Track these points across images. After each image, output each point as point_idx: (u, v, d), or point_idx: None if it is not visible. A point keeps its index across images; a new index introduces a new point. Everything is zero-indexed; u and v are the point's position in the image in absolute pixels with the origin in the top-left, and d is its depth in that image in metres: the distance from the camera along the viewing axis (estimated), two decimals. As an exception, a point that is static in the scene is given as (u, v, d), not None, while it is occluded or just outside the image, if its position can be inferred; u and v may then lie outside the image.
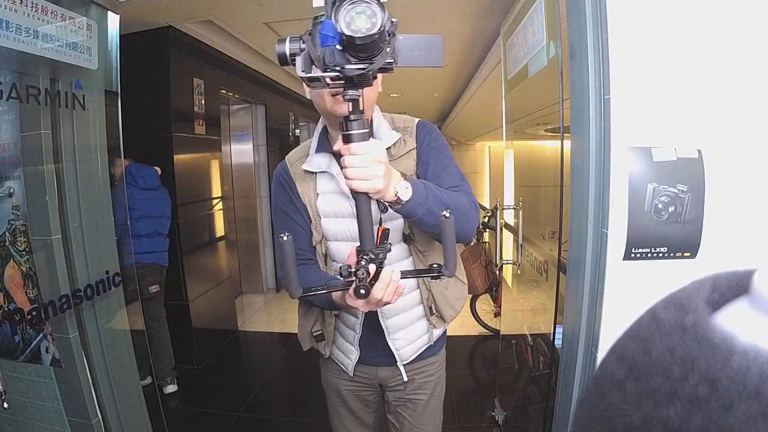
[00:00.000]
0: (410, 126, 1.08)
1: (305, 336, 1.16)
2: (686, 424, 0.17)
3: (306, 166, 1.05)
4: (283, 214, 1.08)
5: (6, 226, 1.37)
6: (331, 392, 1.25)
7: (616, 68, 0.97)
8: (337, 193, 1.03)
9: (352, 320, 1.12)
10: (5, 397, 1.41)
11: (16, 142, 1.36)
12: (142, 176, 2.52)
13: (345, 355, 1.16)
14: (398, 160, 1.03)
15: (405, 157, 1.04)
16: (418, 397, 1.20)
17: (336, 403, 1.25)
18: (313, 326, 1.15)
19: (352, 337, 1.13)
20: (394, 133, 1.04)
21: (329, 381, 1.24)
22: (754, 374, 0.16)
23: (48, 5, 1.30)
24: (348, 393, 1.22)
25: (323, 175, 1.04)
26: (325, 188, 1.04)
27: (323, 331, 1.14)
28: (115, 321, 1.60)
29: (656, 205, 0.96)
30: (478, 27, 2.81)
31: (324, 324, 1.15)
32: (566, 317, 1.22)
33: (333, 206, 1.04)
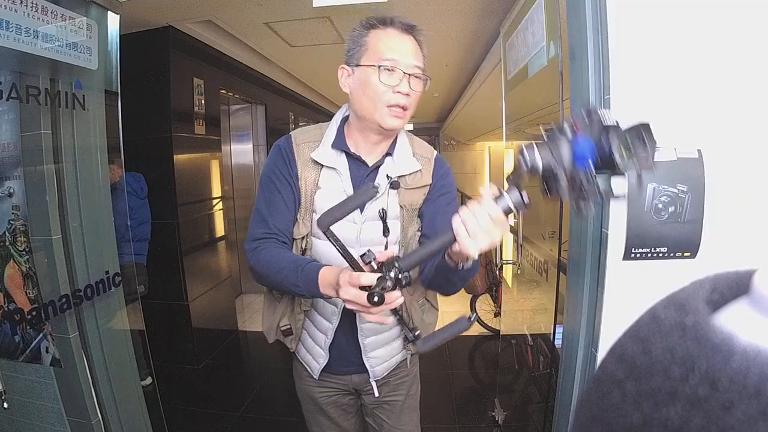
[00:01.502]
0: (429, 157, 1.06)
1: (271, 329, 1.12)
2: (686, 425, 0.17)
3: (316, 155, 0.99)
4: (271, 185, 1.00)
5: (6, 226, 1.37)
6: (307, 401, 1.21)
7: (616, 68, 0.97)
8: (340, 192, 0.99)
9: (326, 324, 1.08)
10: (5, 397, 1.41)
11: (16, 142, 1.36)
12: (141, 187, 2.70)
13: (313, 357, 1.12)
14: (411, 191, 1.02)
15: (417, 190, 1.03)
16: (394, 399, 1.19)
17: (314, 412, 1.21)
18: (280, 320, 1.10)
19: (323, 342, 1.09)
20: (415, 162, 1.03)
21: (304, 390, 1.20)
22: (754, 374, 0.16)
23: (48, 5, 1.30)
24: (324, 399, 1.18)
25: (330, 170, 1.00)
26: (328, 184, 1.00)
27: (291, 326, 1.10)
28: (115, 321, 1.60)
29: (656, 205, 0.96)
30: (478, 27, 2.81)
31: (293, 320, 1.10)
32: (566, 317, 1.22)
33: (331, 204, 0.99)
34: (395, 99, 0.91)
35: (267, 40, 3.14)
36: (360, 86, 0.94)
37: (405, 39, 0.93)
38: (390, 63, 0.90)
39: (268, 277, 0.94)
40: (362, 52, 0.93)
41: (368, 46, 0.92)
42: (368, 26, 0.94)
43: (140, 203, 2.68)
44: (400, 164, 1.02)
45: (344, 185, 0.99)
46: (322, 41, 3.11)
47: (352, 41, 0.95)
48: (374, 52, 0.91)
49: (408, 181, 1.02)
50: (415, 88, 0.93)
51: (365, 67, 0.92)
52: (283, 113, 4.80)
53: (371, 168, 1.01)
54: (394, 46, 0.91)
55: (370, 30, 0.94)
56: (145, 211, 2.72)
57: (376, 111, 0.93)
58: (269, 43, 3.21)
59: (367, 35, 0.93)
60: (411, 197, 1.02)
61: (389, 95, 0.91)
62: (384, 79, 0.90)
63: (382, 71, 0.90)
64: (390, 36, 0.92)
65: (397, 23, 0.93)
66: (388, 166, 1.01)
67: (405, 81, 0.91)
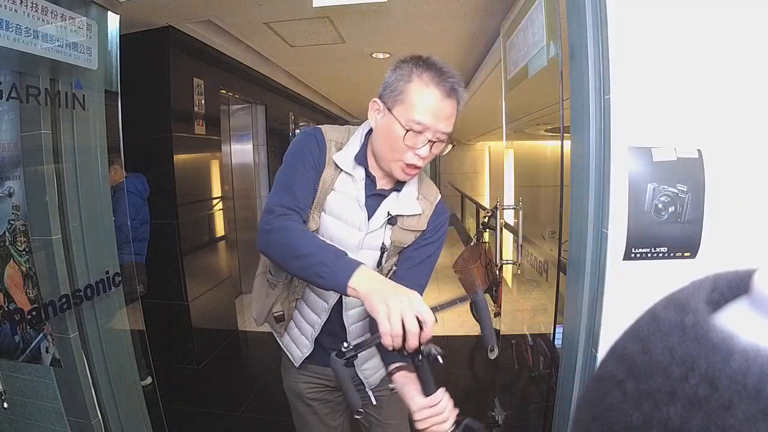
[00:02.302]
0: (431, 201, 1.07)
1: (263, 313, 1.11)
2: (686, 424, 0.17)
3: (338, 159, 0.99)
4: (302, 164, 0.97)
5: (6, 226, 1.37)
6: (296, 399, 1.22)
7: (616, 68, 0.97)
8: (352, 198, 0.99)
9: (314, 317, 1.08)
10: (5, 397, 1.41)
11: (16, 142, 1.36)
12: (145, 188, 2.71)
13: (297, 346, 1.13)
14: (404, 231, 1.03)
15: (411, 233, 1.04)
16: (380, 394, 1.19)
17: (302, 411, 1.22)
18: (273, 306, 1.10)
19: (309, 333, 1.10)
20: (417, 206, 1.03)
21: (291, 387, 1.21)
22: (754, 374, 0.16)
23: (48, 5, 1.30)
24: (311, 394, 1.19)
25: (347, 176, 1.00)
26: (343, 189, 1.00)
27: (284, 312, 1.10)
28: (115, 321, 1.60)
29: (656, 205, 0.96)
30: (478, 27, 2.81)
31: (287, 306, 1.10)
32: (566, 317, 1.22)
33: (344, 209, 0.99)
34: (412, 160, 0.92)
35: (267, 40, 3.14)
36: (384, 132, 0.94)
37: (444, 104, 0.90)
38: (420, 127, 0.89)
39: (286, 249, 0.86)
40: (399, 99, 0.90)
41: (406, 97, 0.90)
42: (415, 73, 0.90)
43: (142, 204, 2.70)
44: (404, 203, 1.02)
45: (357, 194, 0.99)
46: (322, 41, 3.11)
47: (395, 79, 0.92)
48: (409, 107, 0.89)
49: (405, 222, 1.02)
50: (435, 151, 0.94)
51: (394, 119, 0.90)
52: (283, 113, 4.80)
53: (377, 190, 1.02)
54: (430, 111, 0.88)
55: (414, 78, 0.89)
56: (146, 211, 2.73)
57: (391, 162, 0.94)
58: (269, 43, 3.20)
59: (410, 83, 0.90)
60: (403, 237, 1.03)
61: (408, 154, 0.91)
62: (408, 141, 0.90)
63: (408, 133, 0.89)
64: (431, 98, 0.88)
65: (444, 85, 0.89)
66: (392, 201, 1.01)
67: (428, 146, 0.91)
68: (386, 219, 1.00)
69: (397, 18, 2.64)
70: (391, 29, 2.85)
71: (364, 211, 0.99)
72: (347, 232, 0.99)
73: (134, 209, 2.60)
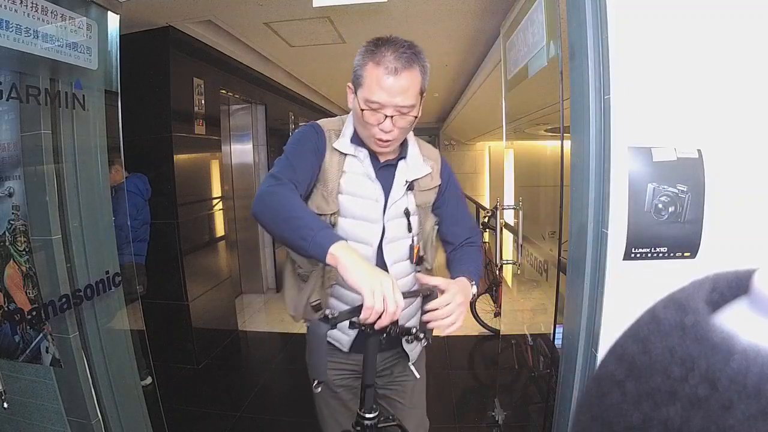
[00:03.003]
0: (435, 159, 1.17)
1: (300, 307, 1.14)
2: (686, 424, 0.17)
3: (338, 145, 1.07)
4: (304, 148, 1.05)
5: (6, 226, 1.37)
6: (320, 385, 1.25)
7: (616, 68, 0.97)
8: (363, 175, 1.07)
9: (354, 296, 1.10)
10: (5, 397, 1.41)
11: (16, 142, 1.36)
12: (147, 188, 2.71)
13: (342, 332, 1.15)
14: (424, 192, 1.13)
15: (430, 191, 1.15)
16: (406, 380, 1.24)
17: (326, 395, 1.24)
18: (310, 296, 1.13)
19: None
20: (426, 166, 1.13)
21: None
22: (754, 374, 0.16)
23: (48, 5, 1.30)
24: (338, 381, 1.21)
25: (351, 157, 1.08)
26: (352, 169, 1.08)
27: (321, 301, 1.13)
28: (115, 321, 1.60)
29: (656, 205, 0.96)
30: (478, 27, 2.81)
31: (323, 294, 1.14)
32: (566, 317, 1.22)
33: (357, 186, 1.07)
34: (378, 134, 1.00)
35: (267, 40, 3.14)
36: (355, 113, 1.04)
37: (394, 81, 0.94)
38: (376, 105, 0.96)
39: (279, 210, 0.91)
40: (359, 82, 0.99)
41: (363, 80, 0.97)
42: (368, 56, 0.97)
43: (143, 204, 2.70)
44: (413, 168, 1.11)
45: (366, 170, 1.07)
46: (322, 41, 3.11)
47: (357, 63, 1.00)
48: (366, 89, 0.97)
49: (421, 184, 1.12)
50: (398, 124, 0.99)
51: (357, 100, 1.00)
52: (283, 113, 4.80)
53: (382, 163, 1.10)
54: (382, 88, 0.95)
55: (367, 61, 0.96)
56: (147, 212, 2.73)
57: (366, 138, 1.04)
58: (269, 43, 3.21)
59: (365, 66, 0.97)
60: (425, 197, 1.13)
61: (374, 129, 0.99)
62: (368, 118, 0.98)
63: (365, 111, 0.98)
64: (380, 77, 0.94)
65: (390, 63, 0.93)
66: (402, 169, 1.11)
67: (388, 121, 0.98)
68: (405, 186, 1.09)
69: (397, 18, 2.64)
70: (391, 29, 2.83)
71: (377, 183, 1.07)
72: (365, 206, 1.07)
73: (135, 209, 2.60)
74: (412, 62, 0.95)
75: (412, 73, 0.95)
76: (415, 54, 0.96)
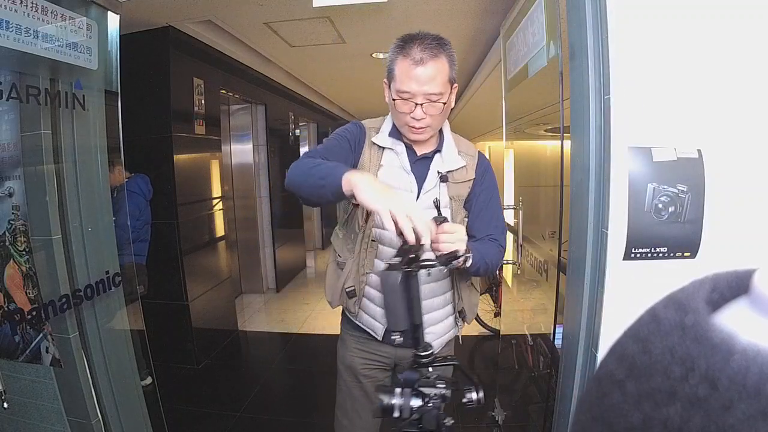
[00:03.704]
0: (472, 155, 1.21)
1: (336, 293, 1.20)
2: (686, 424, 0.17)
3: (376, 139, 1.15)
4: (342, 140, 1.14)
5: (6, 226, 1.36)
6: (347, 373, 1.26)
7: (616, 68, 0.97)
8: (399, 168, 1.14)
9: None
10: (5, 397, 1.41)
11: (16, 142, 1.35)
12: (149, 189, 2.70)
13: (374, 318, 1.20)
14: (457, 185, 1.17)
15: (463, 184, 1.18)
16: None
17: (351, 385, 1.26)
18: (345, 282, 1.18)
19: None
20: (460, 159, 1.17)
21: (347, 359, 1.26)
22: (753, 374, 0.16)
23: (48, 5, 1.30)
24: (365, 371, 1.24)
25: (389, 151, 1.15)
26: (390, 162, 1.15)
27: (355, 287, 1.18)
28: (115, 321, 1.60)
29: (656, 205, 0.96)
30: (478, 27, 2.81)
31: (357, 281, 1.18)
32: (566, 317, 1.22)
33: (393, 178, 1.13)
34: (411, 122, 1.07)
35: (267, 40, 3.14)
36: (390, 105, 1.11)
37: (421, 71, 1.01)
38: (407, 95, 1.03)
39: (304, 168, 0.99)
40: (391, 76, 1.07)
41: (394, 73, 1.05)
42: (396, 51, 1.05)
43: (145, 204, 2.70)
44: (448, 160, 1.16)
45: (402, 163, 1.14)
46: (322, 41, 3.11)
47: (389, 60, 1.07)
48: (397, 81, 1.04)
49: (455, 176, 1.17)
50: (429, 111, 1.05)
51: (390, 93, 1.08)
52: (283, 113, 4.80)
53: (419, 156, 1.16)
54: (410, 78, 1.02)
55: (395, 56, 1.04)
56: (148, 212, 2.73)
57: (401, 127, 1.11)
58: (269, 43, 3.20)
59: (394, 61, 1.05)
60: (458, 190, 1.17)
61: (407, 118, 1.06)
62: (400, 107, 1.06)
63: (398, 101, 1.05)
64: (408, 68, 1.02)
65: (416, 54, 1.01)
66: (437, 162, 1.16)
67: (418, 109, 1.04)
68: (438, 178, 1.14)
69: (397, 18, 2.64)
70: (391, 29, 2.85)
71: (411, 176, 1.14)
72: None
73: (138, 210, 2.60)
74: (438, 53, 1.02)
75: (438, 63, 1.02)
76: (441, 45, 1.03)
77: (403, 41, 1.04)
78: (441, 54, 1.02)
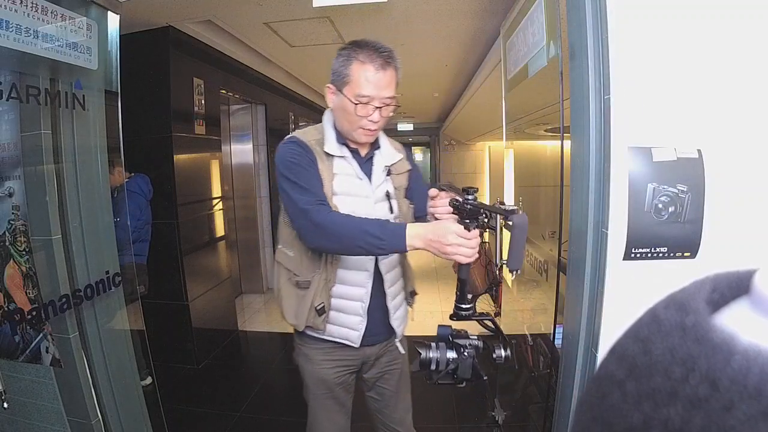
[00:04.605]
0: (401, 149, 1.31)
1: (303, 314, 1.16)
2: (687, 425, 0.17)
3: (329, 149, 1.15)
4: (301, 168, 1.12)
5: (6, 226, 1.36)
6: (318, 386, 1.25)
7: (616, 68, 0.97)
8: (352, 176, 1.17)
9: (360, 291, 1.18)
10: (5, 397, 1.41)
11: (16, 142, 1.35)
12: (149, 188, 2.70)
13: (349, 327, 1.20)
14: (398, 176, 1.26)
15: (403, 175, 1.28)
16: (394, 368, 1.33)
17: (322, 397, 1.26)
18: (314, 300, 1.16)
19: (360, 308, 1.19)
20: (397, 153, 1.27)
21: (317, 374, 1.24)
22: (754, 374, 0.16)
23: (48, 5, 1.30)
24: (336, 379, 1.25)
25: (339, 159, 1.16)
26: (342, 170, 1.17)
27: (325, 303, 1.17)
28: (115, 321, 1.60)
29: (656, 205, 0.96)
30: (478, 27, 2.81)
31: (326, 297, 1.17)
32: (566, 317, 1.22)
33: (349, 186, 1.16)
34: (366, 125, 1.11)
35: (267, 40, 3.14)
36: (341, 110, 1.12)
37: (381, 75, 1.07)
38: (366, 99, 1.08)
39: (346, 233, 1.02)
40: (345, 81, 1.09)
41: (350, 78, 1.08)
42: (353, 56, 1.08)
43: (146, 204, 2.69)
44: (388, 155, 1.24)
45: (355, 170, 1.17)
46: (322, 41, 3.11)
47: (339, 66, 1.10)
48: (354, 86, 1.07)
49: (396, 168, 1.25)
50: (384, 114, 1.12)
51: (345, 98, 1.09)
52: (283, 113, 4.80)
53: (365, 158, 1.21)
54: (371, 83, 1.07)
55: (352, 61, 1.07)
56: (148, 212, 2.73)
57: (352, 131, 1.13)
58: (269, 43, 3.20)
59: (350, 65, 1.08)
60: (400, 181, 1.26)
61: (363, 122, 1.10)
62: (359, 111, 1.09)
63: (358, 105, 1.08)
64: (368, 72, 1.07)
65: (375, 60, 1.06)
66: (380, 158, 1.23)
67: (376, 112, 1.10)
68: (384, 172, 1.22)
69: (397, 18, 2.64)
70: (391, 29, 2.85)
71: (365, 179, 1.18)
72: (357, 203, 1.16)
73: (138, 210, 2.59)
74: (391, 60, 1.09)
75: (392, 69, 1.09)
76: (391, 53, 1.10)
77: (356, 46, 1.08)
78: (392, 61, 1.09)
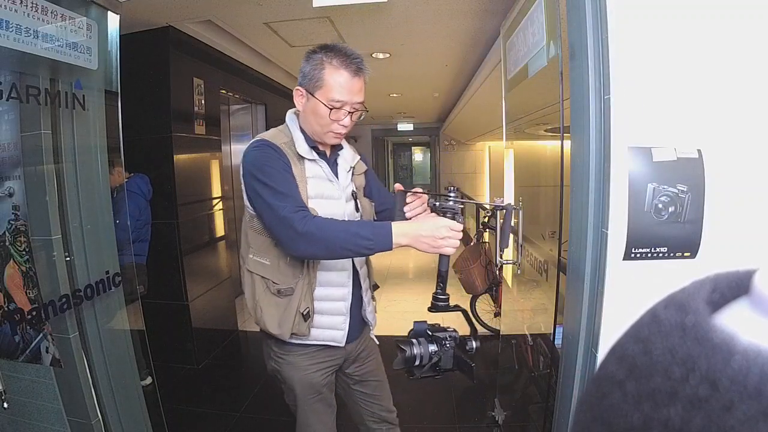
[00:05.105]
0: (356, 151, 1.35)
1: (288, 322, 1.14)
2: (687, 425, 0.17)
3: (302, 152, 1.16)
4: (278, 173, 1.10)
5: (6, 226, 1.36)
6: (306, 390, 1.25)
7: (616, 68, 0.97)
8: (324, 179, 1.19)
9: (342, 291, 1.22)
10: (5, 397, 1.41)
11: (16, 142, 1.35)
12: (149, 189, 2.71)
13: (334, 328, 1.23)
14: (358, 176, 1.32)
15: (361, 176, 1.34)
16: (373, 358, 1.40)
17: (311, 401, 1.26)
18: (299, 306, 1.15)
19: (344, 307, 1.22)
20: (356, 155, 1.32)
21: (306, 379, 1.24)
22: (754, 374, 0.16)
23: (48, 5, 1.30)
24: (323, 380, 1.26)
25: (311, 162, 1.18)
26: (315, 173, 1.18)
27: (309, 307, 1.18)
28: (115, 321, 1.60)
29: (656, 205, 0.96)
30: (478, 27, 2.81)
31: (309, 300, 1.17)
32: (566, 317, 1.22)
33: (323, 188, 1.18)
34: (337, 129, 1.14)
35: (267, 40, 3.14)
36: (311, 113, 1.14)
37: (354, 82, 1.10)
38: (339, 104, 1.10)
39: (333, 237, 1.03)
40: (317, 85, 1.10)
41: (323, 83, 1.09)
42: (326, 60, 1.09)
43: (145, 204, 2.69)
44: (348, 157, 1.28)
45: (326, 173, 1.20)
46: (322, 41, 3.10)
47: (310, 68, 1.11)
48: (327, 90, 1.10)
49: (357, 169, 1.31)
50: (354, 119, 1.16)
51: (318, 101, 1.11)
52: (283, 113, 4.74)
53: (330, 159, 1.24)
54: (345, 89, 1.09)
55: (326, 66, 1.09)
56: (148, 212, 2.73)
57: (322, 134, 1.16)
58: (269, 43, 3.20)
59: (324, 69, 1.09)
60: (360, 180, 1.33)
61: (334, 125, 1.13)
62: (332, 116, 1.11)
63: (332, 110, 1.10)
64: (343, 78, 1.09)
65: (350, 66, 1.09)
66: (344, 160, 1.27)
67: (348, 117, 1.14)
68: (349, 173, 1.27)
69: (397, 18, 2.64)
70: (391, 29, 2.85)
71: (335, 182, 1.21)
72: (332, 204, 1.19)
73: (138, 210, 2.59)
74: (363, 67, 1.13)
75: (363, 76, 1.13)
76: (363, 60, 1.13)
77: (328, 50, 1.10)
78: (363, 68, 1.13)
